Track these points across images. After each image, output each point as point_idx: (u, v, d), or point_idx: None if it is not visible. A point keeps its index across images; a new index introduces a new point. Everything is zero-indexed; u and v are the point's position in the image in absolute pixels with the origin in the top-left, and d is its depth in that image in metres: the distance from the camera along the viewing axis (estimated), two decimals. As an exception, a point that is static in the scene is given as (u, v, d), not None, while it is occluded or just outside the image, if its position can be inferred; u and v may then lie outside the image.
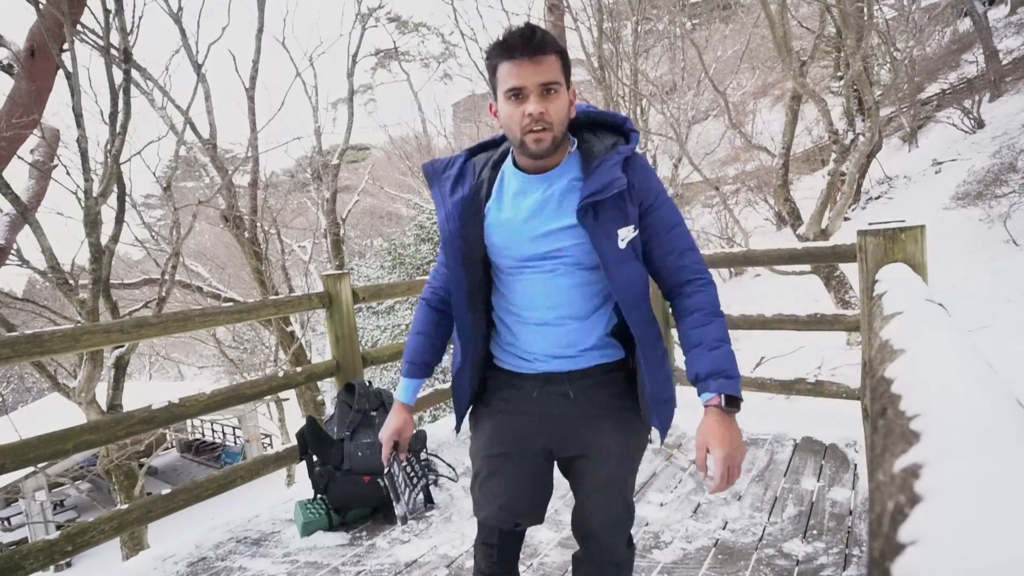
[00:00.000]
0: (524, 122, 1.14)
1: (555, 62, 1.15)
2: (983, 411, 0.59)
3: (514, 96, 1.14)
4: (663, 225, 1.23)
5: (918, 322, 1.14)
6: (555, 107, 1.15)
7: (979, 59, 14.69)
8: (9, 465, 2.08)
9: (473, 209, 1.24)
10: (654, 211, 1.23)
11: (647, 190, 1.22)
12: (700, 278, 1.25)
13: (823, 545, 2.08)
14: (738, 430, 1.14)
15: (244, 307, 2.96)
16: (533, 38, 1.12)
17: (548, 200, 1.21)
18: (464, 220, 1.24)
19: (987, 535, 0.37)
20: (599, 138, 1.25)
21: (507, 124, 1.17)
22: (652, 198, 1.23)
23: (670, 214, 1.25)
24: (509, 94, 1.15)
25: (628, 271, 1.19)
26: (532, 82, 1.13)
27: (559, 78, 1.15)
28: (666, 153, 15.65)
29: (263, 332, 13.47)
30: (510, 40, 1.13)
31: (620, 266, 1.18)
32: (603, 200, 1.16)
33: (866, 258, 2.24)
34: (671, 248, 1.24)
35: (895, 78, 10.89)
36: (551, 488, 1.38)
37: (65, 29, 5.53)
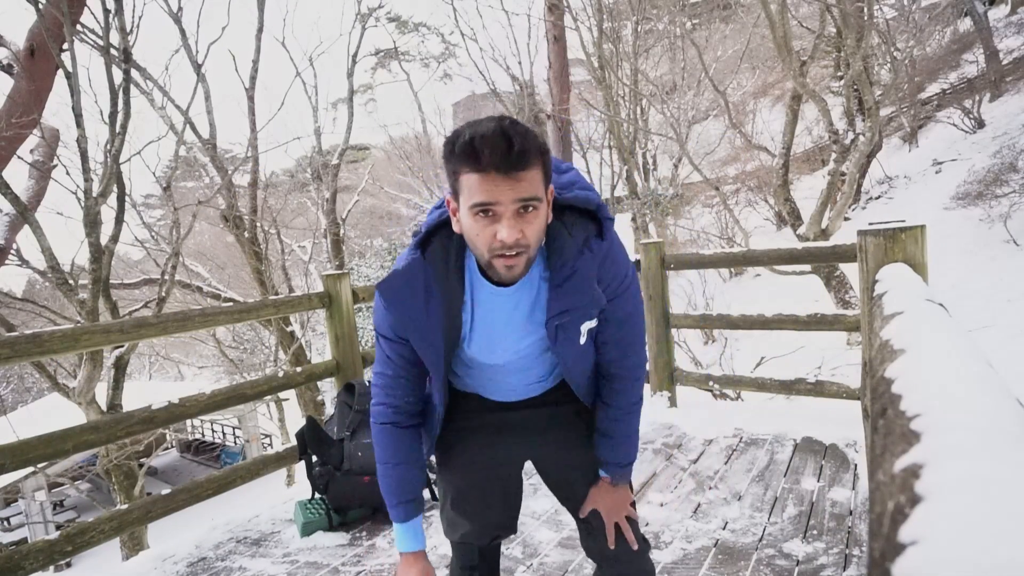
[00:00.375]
0: (494, 245, 0.96)
1: (537, 173, 0.95)
2: (984, 411, 0.59)
3: (483, 213, 0.94)
4: (615, 318, 1.16)
5: (918, 322, 1.14)
6: (533, 228, 0.97)
7: (979, 59, 14.69)
8: (9, 465, 2.08)
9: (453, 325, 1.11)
10: (612, 302, 1.13)
11: (612, 280, 1.11)
12: (633, 376, 1.23)
13: (823, 545, 2.08)
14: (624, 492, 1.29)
15: (244, 307, 2.96)
16: (511, 150, 0.91)
17: (517, 315, 1.11)
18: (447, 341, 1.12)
19: (988, 535, 0.37)
20: (569, 229, 1.06)
21: (472, 240, 0.99)
22: (615, 289, 1.12)
23: (626, 304, 1.16)
24: (476, 209, 0.94)
25: (584, 363, 1.20)
26: (507, 198, 0.93)
27: (540, 192, 0.96)
28: (666, 153, 15.66)
29: (263, 332, 13.47)
30: (480, 149, 0.91)
31: (578, 360, 1.18)
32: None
33: (866, 258, 2.24)
34: (616, 341, 1.19)
35: (895, 78, 10.89)
36: (521, 497, 1.41)
37: (65, 29, 5.53)
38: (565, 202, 1.07)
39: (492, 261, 0.98)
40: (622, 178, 13.67)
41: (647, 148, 14.81)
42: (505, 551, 2.26)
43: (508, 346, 1.15)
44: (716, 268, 10.50)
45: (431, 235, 1.09)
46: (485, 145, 0.91)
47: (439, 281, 1.06)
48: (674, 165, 14.80)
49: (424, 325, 1.09)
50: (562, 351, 1.13)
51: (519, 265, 0.99)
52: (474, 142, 0.91)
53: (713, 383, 3.74)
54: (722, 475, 2.75)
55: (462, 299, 1.09)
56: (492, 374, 1.22)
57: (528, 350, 1.16)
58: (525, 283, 1.09)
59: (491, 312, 1.11)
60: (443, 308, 1.07)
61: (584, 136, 15.51)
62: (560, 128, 12.58)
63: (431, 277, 1.06)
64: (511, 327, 1.12)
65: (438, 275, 1.06)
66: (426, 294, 1.06)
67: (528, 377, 1.23)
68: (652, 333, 3.79)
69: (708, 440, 3.19)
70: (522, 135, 0.93)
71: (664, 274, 3.74)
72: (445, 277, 1.06)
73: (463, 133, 0.94)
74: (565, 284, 1.06)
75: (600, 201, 1.10)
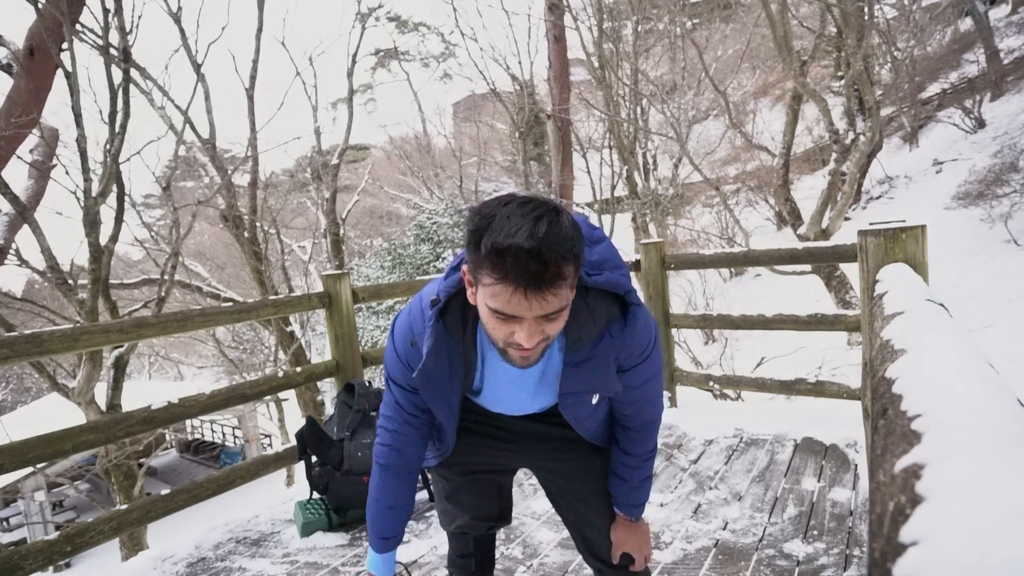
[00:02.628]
0: (510, 340, 0.92)
1: (567, 286, 0.89)
2: (984, 411, 0.59)
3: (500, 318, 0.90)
4: (633, 384, 1.16)
5: (919, 322, 1.14)
6: (555, 327, 0.93)
7: (980, 59, 14.67)
8: (8, 465, 2.07)
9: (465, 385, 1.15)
10: (629, 370, 1.13)
11: (628, 357, 1.11)
12: (650, 428, 1.26)
13: (824, 546, 2.07)
14: (643, 527, 1.34)
15: (244, 307, 2.96)
16: (545, 272, 0.83)
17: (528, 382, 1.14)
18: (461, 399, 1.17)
19: (988, 535, 0.37)
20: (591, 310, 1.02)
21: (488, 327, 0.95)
22: (632, 362, 1.12)
23: (646, 371, 1.15)
24: (495, 313, 0.89)
25: (595, 420, 1.22)
26: (531, 315, 0.88)
27: (567, 301, 0.91)
28: (666, 153, 15.66)
29: (263, 332, 13.47)
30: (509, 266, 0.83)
31: (588, 418, 1.20)
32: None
33: (867, 258, 2.23)
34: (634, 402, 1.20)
35: (896, 78, 10.89)
36: (512, 492, 1.45)
37: (64, 28, 5.53)
38: (592, 285, 1.00)
39: (507, 350, 0.95)
40: (622, 178, 13.66)
41: (647, 148, 14.81)
42: (505, 551, 2.25)
43: (515, 403, 1.20)
44: (716, 268, 10.51)
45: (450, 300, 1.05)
46: (519, 265, 0.82)
47: (456, 347, 1.08)
48: (674, 165, 14.80)
49: (444, 389, 1.12)
50: (573, 414, 1.17)
51: (534, 356, 0.95)
52: (504, 254, 0.83)
53: (713, 383, 3.74)
54: (722, 475, 2.75)
55: (475, 363, 1.12)
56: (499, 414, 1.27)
57: (538, 406, 1.21)
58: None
59: (503, 374, 1.13)
60: (460, 369, 1.10)
61: (584, 136, 15.51)
62: (560, 128, 12.58)
63: (451, 345, 1.07)
64: (523, 388, 1.15)
65: (455, 341, 1.07)
66: (448, 361, 1.08)
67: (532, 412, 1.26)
68: (652, 333, 3.79)
69: (708, 440, 3.19)
70: (558, 250, 0.83)
71: (664, 274, 3.74)
72: (461, 341, 1.08)
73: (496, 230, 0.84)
74: (582, 366, 1.05)
75: (629, 286, 1.04)
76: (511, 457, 1.33)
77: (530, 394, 1.16)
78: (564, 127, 12.73)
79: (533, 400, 1.18)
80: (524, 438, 1.29)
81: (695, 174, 11.82)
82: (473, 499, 1.37)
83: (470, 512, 1.37)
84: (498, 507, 1.40)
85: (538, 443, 1.29)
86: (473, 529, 1.41)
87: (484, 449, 1.30)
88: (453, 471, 1.34)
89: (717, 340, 9.91)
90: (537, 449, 1.30)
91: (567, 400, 1.13)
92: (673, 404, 3.76)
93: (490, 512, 1.39)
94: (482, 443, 1.30)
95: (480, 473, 1.34)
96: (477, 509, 1.37)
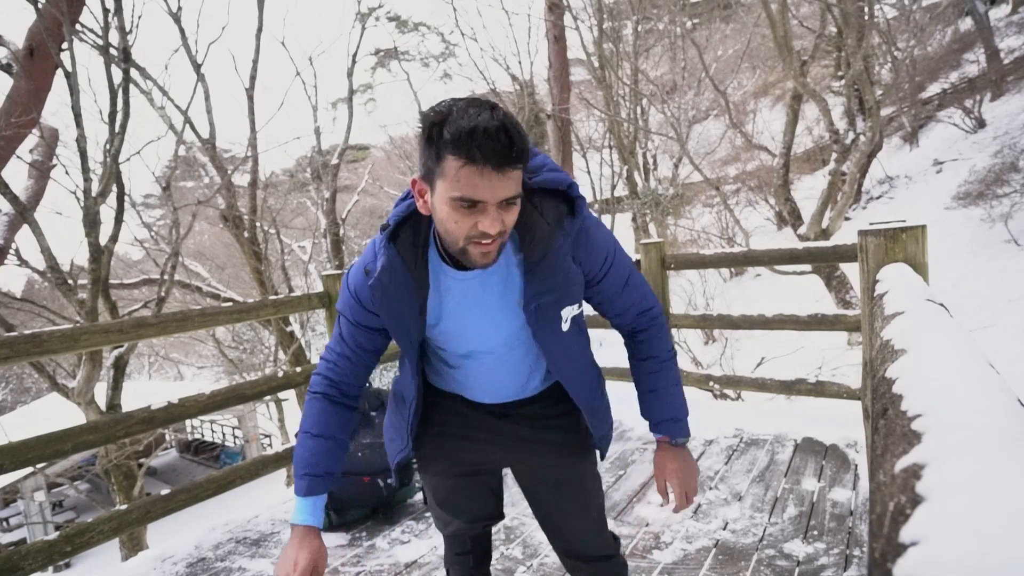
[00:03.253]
0: (472, 233, 0.94)
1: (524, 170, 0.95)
2: (984, 411, 0.59)
3: (463, 206, 0.92)
4: (614, 288, 1.16)
5: (919, 322, 1.14)
6: (512, 217, 0.96)
7: (980, 59, 14.67)
8: (8, 465, 2.07)
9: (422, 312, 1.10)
10: (603, 278, 1.14)
11: (593, 261, 1.11)
12: (656, 323, 1.22)
13: (824, 546, 2.07)
14: (689, 457, 1.26)
15: (244, 307, 2.96)
16: (512, 148, 0.88)
17: (488, 299, 1.09)
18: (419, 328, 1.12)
19: (988, 535, 0.37)
20: (540, 209, 1.05)
21: (446, 227, 0.96)
22: (599, 266, 1.12)
23: (619, 273, 1.15)
24: (458, 203, 0.92)
25: (569, 353, 1.16)
26: (495, 197, 0.91)
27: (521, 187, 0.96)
28: (666, 153, 15.66)
29: (263, 332, 13.48)
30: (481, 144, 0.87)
31: (561, 349, 1.14)
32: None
33: (867, 258, 2.23)
34: (625, 306, 1.19)
35: (896, 78, 10.88)
36: (502, 489, 1.43)
37: (64, 28, 5.53)
38: (535, 185, 1.05)
39: (467, 248, 0.96)
40: (622, 178, 13.66)
41: (647, 148, 14.81)
42: (505, 551, 2.25)
43: (483, 334, 1.12)
44: (716, 268, 10.50)
45: (400, 226, 1.08)
46: (488, 140, 0.86)
47: (409, 271, 1.06)
48: (674, 165, 14.79)
49: (400, 312, 1.09)
50: (544, 339, 1.11)
51: (494, 252, 0.98)
52: (474, 134, 0.86)
53: (713, 383, 3.74)
54: (722, 475, 2.75)
55: (427, 288, 1.08)
56: (476, 370, 1.19)
57: (506, 339, 1.13)
58: (492, 269, 1.07)
59: (461, 298, 1.09)
60: (416, 296, 1.07)
61: (584, 136, 15.50)
62: (560, 128, 12.57)
63: (404, 269, 1.06)
64: (485, 313, 1.10)
65: (408, 265, 1.06)
66: (403, 284, 1.07)
67: (514, 377, 1.21)
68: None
69: (708, 440, 3.19)
70: (519, 130, 0.90)
71: (664, 274, 3.74)
72: (414, 266, 1.07)
73: (457, 119, 0.88)
74: (540, 264, 1.04)
75: (571, 180, 1.08)
76: (496, 458, 1.31)
77: (493, 320, 1.10)
78: (564, 127, 12.72)
79: (498, 328, 1.11)
80: (508, 439, 1.26)
81: (695, 174, 11.82)
82: (465, 503, 1.35)
83: (464, 516, 1.36)
84: (491, 506, 1.38)
85: (522, 444, 1.26)
86: (469, 530, 1.40)
87: (469, 454, 1.28)
88: (441, 476, 1.32)
89: (717, 340, 9.91)
90: (521, 450, 1.27)
91: (537, 321, 1.08)
92: (673, 404, 3.76)
93: (483, 513, 1.38)
94: (466, 446, 1.27)
95: (468, 476, 1.32)
96: (470, 512, 1.36)
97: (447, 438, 1.27)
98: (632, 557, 2.13)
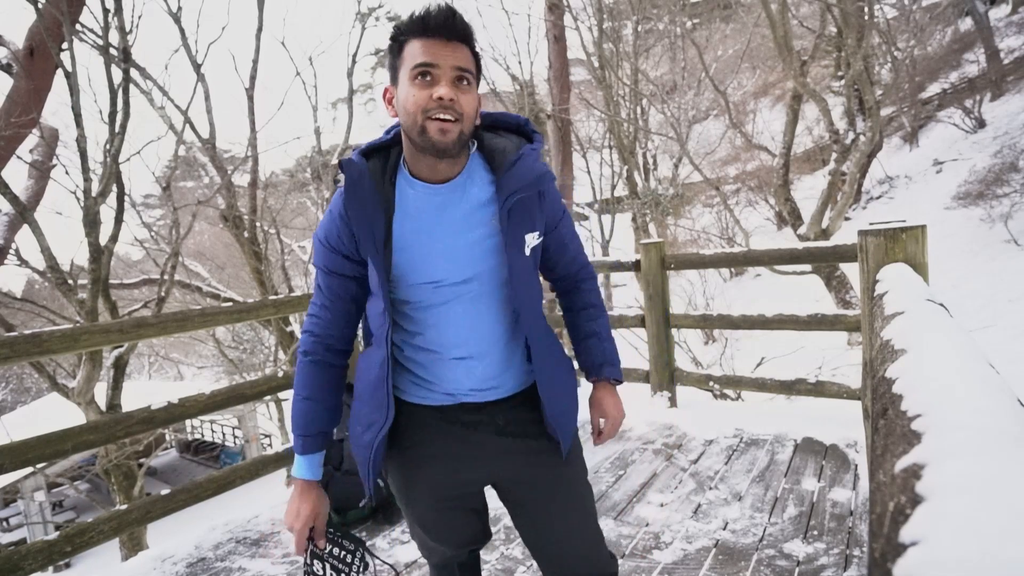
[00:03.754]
0: (430, 105, 1.00)
1: (471, 56, 1.05)
2: (984, 411, 0.59)
3: (421, 76, 1.00)
4: (567, 235, 1.26)
5: (919, 322, 1.14)
6: (468, 99, 1.03)
7: (980, 59, 14.68)
8: (8, 465, 2.07)
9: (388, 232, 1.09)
10: (559, 224, 1.22)
11: (554, 201, 1.19)
12: (590, 276, 1.35)
13: (824, 546, 2.07)
14: (619, 398, 1.35)
15: (244, 307, 2.96)
16: (455, 19, 1.02)
17: (457, 215, 1.09)
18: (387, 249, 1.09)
19: (988, 535, 0.37)
20: (502, 137, 1.16)
21: (407, 108, 1.02)
22: (558, 211, 1.20)
23: (568, 224, 1.26)
24: (416, 71, 1.00)
25: (531, 282, 1.16)
26: (447, 63, 1.01)
27: (474, 71, 1.05)
28: (666, 153, 15.67)
29: (263, 332, 13.48)
30: (428, 16, 1.01)
31: (524, 276, 1.14)
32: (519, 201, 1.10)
33: (867, 258, 2.23)
34: (572, 255, 1.29)
35: (896, 78, 10.89)
36: (487, 510, 1.36)
37: (64, 28, 5.53)
38: (495, 121, 1.18)
39: (425, 125, 1.01)
40: (622, 178, 13.67)
41: (647, 148, 14.81)
42: (505, 551, 2.25)
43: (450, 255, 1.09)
44: (716, 268, 10.51)
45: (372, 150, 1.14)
46: (435, 16, 1.00)
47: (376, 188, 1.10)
48: (674, 165, 14.80)
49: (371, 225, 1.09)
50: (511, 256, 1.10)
51: (453, 132, 1.01)
52: (425, 15, 1.00)
53: (713, 383, 3.74)
54: (722, 475, 2.75)
55: (393, 208, 1.10)
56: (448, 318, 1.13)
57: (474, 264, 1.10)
58: (462, 184, 1.11)
59: (429, 215, 1.10)
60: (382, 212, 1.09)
61: (584, 136, 15.51)
62: (560, 128, 12.57)
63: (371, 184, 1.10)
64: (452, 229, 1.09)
65: (376, 183, 1.10)
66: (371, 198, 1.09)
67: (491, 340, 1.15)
68: (652, 333, 3.79)
69: (708, 440, 3.19)
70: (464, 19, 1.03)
71: (664, 274, 3.74)
72: (380, 184, 1.10)
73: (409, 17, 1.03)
74: (514, 166, 1.10)
75: (526, 118, 1.19)
76: (478, 474, 1.23)
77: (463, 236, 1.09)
78: (564, 127, 12.72)
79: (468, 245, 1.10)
80: (491, 454, 1.19)
81: (695, 174, 11.82)
82: (450, 530, 1.29)
83: (450, 543, 1.30)
84: (476, 529, 1.32)
85: (508, 456, 1.20)
86: (456, 557, 1.34)
87: (450, 478, 1.21)
88: (421, 505, 1.25)
89: (717, 340, 9.91)
90: (508, 463, 1.21)
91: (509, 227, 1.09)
92: (673, 404, 3.76)
93: (470, 537, 1.32)
94: (447, 468, 1.20)
95: (451, 499, 1.25)
96: (456, 537, 1.30)
97: (424, 460, 1.20)
98: (632, 557, 2.13)
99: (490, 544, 2.32)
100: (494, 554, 2.25)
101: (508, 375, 1.19)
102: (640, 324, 3.87)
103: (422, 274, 1.10)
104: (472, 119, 1.05)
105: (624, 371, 1.44)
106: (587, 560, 1.26)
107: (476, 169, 1.13)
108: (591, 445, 3.28)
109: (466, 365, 1.15)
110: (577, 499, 1.25)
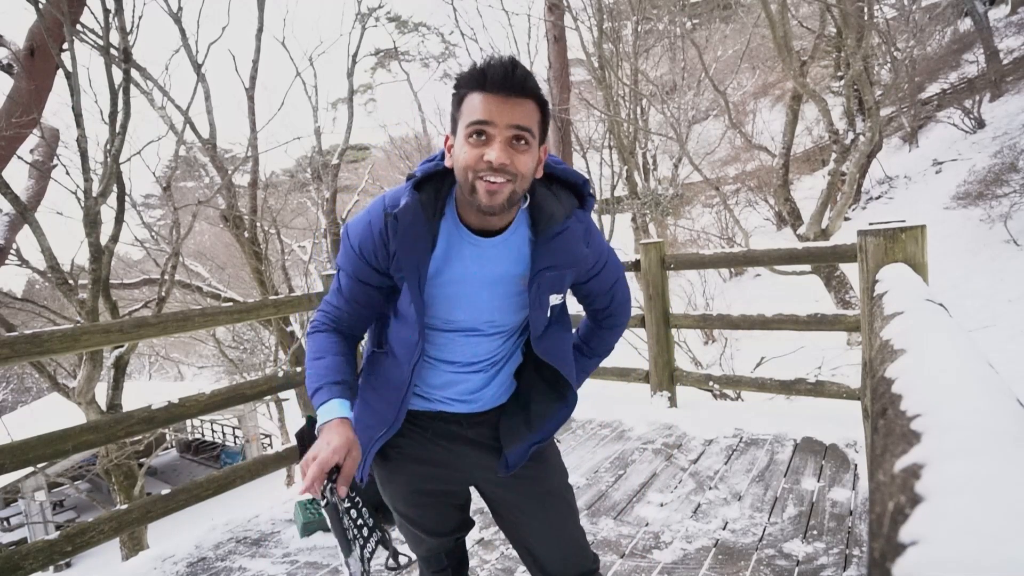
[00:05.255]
0: (480, 166, 0.97)
1: (534, 110, 1.00)
2: (984, 411, 0.59)
3: (476, 134, 0.97)
4: (601, 288, 1.26)
5: (919, 322, 1.14)
6: (523, 160, 0.99)
7: (980, 59, 14.68)
8: (9, 465, 2.08)
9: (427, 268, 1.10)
10: (594, 277, 1.23)
11: (599, 252, 1.20)
12: (616, 326, 1.35)
13: (823, 545, 2.07)
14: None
15: (244, 307, 2.96)
16: (515, 72, 0.97)
17: (490, 272, 1.10)
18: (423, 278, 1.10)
19: (988, 535, 0.37)
20: (555, 196, 1.12)
21: (460, 164, 1.00)
22: (593, 266, 1.20)
23: (609, 276, 1.24)
24: (471, 129, 0.97)
25: (553, 338, 1.20)
26: (503, 121, 0.96)
27: (534, 127, 1.00)
28: (666, 153, 15.66)
29: (263, 332, 13.47)
30: (487, 69, 0.96)
31: (546, 333, 1.18)
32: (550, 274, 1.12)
33: (866, 258, 2.23)
34: (599, 307, 1.31)
35: (895, 78, 10.88)
36: (470, 502, 1.40)
37: (65, 29, 5.53)
38: (555, 173, 1.14)
39: (476, 184, 0.99)
40: (622, 178, 13.66)
41: (647, 148, 14.80)
42: (505, 551, 2.26)
43: (475, 302, 1.12)
44: (716, 268, 10.51)
45: (425, 179, 1.10)
46: (496, 69, 0.96)
47: (426, 219, 1.08)
48: (674, 165, 14.79)
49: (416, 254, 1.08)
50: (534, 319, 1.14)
51: (503, 194, 0.99)
52: (486, 67, 0.97)
53: (713, 383, 3.74)
54: (722, 475, 2.75)
55: (435, 243, 1.09)
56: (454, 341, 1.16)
57: (494, 313, 1.14)
58: (506, 240, 1.10)
59: (469, 263, 1.09)
60: (426, 244, 1.08)
61: (584, 136, 15.50)
62: (560, 128, 12.57)
63: (422, 215, 1.08)
64: (484, 280, 1.11)
65: (425, 214, 1.08)
66: (418, 228, 1.08)
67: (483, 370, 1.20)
68: (652, 333, 3.79)
69: (708, 440, 3.19)
70: (528, 71, 0.99)
71: (664, 274, 3.74)
72: (431, 216, 1.08)
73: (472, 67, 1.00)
74: (555, 240, 1.09)
75: (586, 178, 1.17)
76: (459, 478, 1.29)
77: (491, 288, 1.11)
78: (564, 127, 12.72)
79: (491, 296, 1.11)
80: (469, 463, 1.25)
81: (695, 174, 11.82)
82: (436, 522, 1.34)
83: (436, 534, 1.35)
84: (459, 521, 1.38)
85: (480, 467, 1.26)
86: (442, 547, 1.39)
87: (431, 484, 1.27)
88: (406, 504, 1.30)
89: (717, 340, 9.90)
90: (489, 467, 1.25)
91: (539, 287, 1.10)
92: (673, 404, 3.76)
93: (453, 527, 1.37)
94: (432, 472, 1.26)
95: (436, 496, 1.30)
96: (441, 529, 1.35)
97: (411, 464, 1.25)
98: (632, 557, 2.13)
99: (490, 544, 2.32)
100: (494, 554, 2.25)
101: (487, 396, 1.23)
102: (640, 324, 3.87)
103: (441, 313, 1.14)
104: (528, 178, 1.02)
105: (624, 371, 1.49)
106: (566, 561, 1.29)
107: (520, 226, 1.11)
108: (591, 445, 3.28)
109: (453, 377, 1.21)
110: (553, 504, 1.28)
